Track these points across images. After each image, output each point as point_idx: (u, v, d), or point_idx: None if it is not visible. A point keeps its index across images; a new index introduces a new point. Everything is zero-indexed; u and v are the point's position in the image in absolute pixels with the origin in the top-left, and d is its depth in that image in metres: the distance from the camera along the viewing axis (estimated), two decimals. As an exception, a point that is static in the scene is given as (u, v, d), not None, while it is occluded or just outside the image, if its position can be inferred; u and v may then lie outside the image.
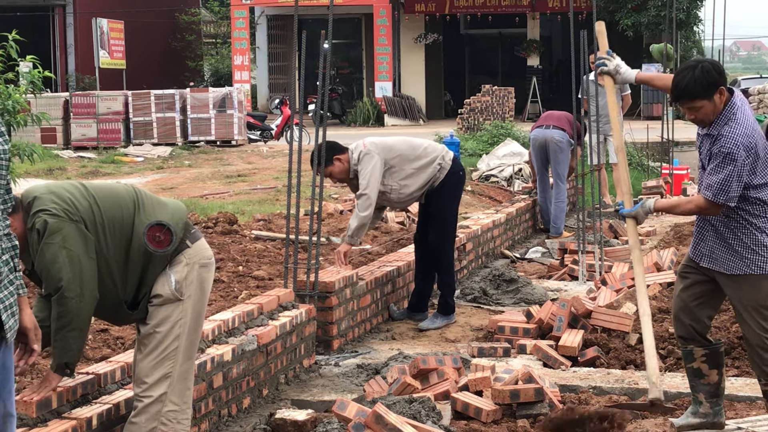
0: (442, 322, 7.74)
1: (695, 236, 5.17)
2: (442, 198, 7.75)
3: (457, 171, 7.81)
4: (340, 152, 7.56)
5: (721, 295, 5.15)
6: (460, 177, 7.84)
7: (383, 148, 7.62)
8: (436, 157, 7.71)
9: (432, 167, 7.68)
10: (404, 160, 7.65)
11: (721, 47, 23.17)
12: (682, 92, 4.94)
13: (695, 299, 5.12)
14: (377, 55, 31.09)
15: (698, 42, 32.87)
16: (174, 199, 4.89)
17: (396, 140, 7.83)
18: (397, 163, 7.64)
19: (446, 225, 7.83)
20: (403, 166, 7.65)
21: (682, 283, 5.20)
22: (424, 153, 7.71)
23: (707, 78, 4.88)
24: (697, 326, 5.13)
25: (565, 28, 10.52)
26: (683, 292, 5.16)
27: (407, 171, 7.66)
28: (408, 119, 30.09)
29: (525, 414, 5.47)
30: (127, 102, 23.46)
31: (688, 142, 20.24)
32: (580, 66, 9.66)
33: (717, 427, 5.20)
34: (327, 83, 7.16)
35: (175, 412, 4.56)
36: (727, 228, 5.01)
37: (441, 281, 7.89)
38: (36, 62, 9.35)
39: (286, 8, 30.80)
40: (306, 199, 7.79)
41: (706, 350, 5.14)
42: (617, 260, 9.38)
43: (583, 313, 6.95)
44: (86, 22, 30.37)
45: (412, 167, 7.66)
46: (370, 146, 7.59)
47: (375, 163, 7.52)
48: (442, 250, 7.83)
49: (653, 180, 14.16)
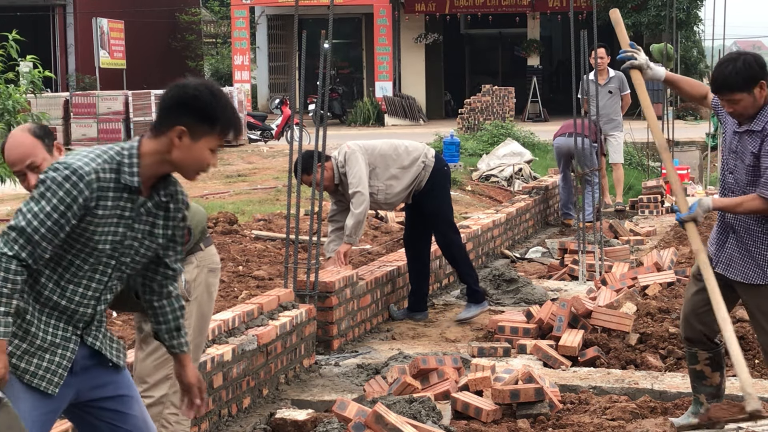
0: (476, 310, 7.83)
1: (715, 241, 5.04)
2: (433, 197, 7.81)
3: (441, 168, 7.90)
4: (323, 160, 7.44)
5: (735, 300, 5.06)
6: (445, 173, 7.95)
7: (365, 149, 7.72)
8: (419, 156, 7.79)
9: (416, 166, 7.76)
10: (387, 159, 7.74)
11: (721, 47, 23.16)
12: (722, 84, 4.80)
13: (708, 304, 4.98)
14: (377, 55, 31.08)
15: (698, 42, 32.82)
16: (197, 203, 4.92)
17: (377, 142, 7.96)
18: (380, 163, 7.71)
19: (446, 220, 7.92)
20: (387, 165, 7.73)
21: (696, 285, 5.07)
22: (406, 152, 7.79)
23: (748, 71, 4.75)
24: (707, 330, 5.06)
25: (565, 28, 10.53)
26: (696, 296, 5.05)
27: (391, 171, 7.74)
28: (408, 119, 30.08)
29: (525, 414, 5.47)
30: (127, 102, 23.47)
31: (688, 142, 20.25)
32: (580, 66, 9.66)
33: (717, 427, 5.20)
34: (327, 83, 7.17)
35: (176, 415, 4.55)
36: (750, 235, 4.89)
37: (461, 273, 7.99)
38: (36, 62, 9.35)
39: (286, 8, 30.77)
40: (306, 199, 7.79)
41: (710, 354, 5.11)
42: (617, 260, 9.38)
43: (583, 313, 6.95)
44: (86, 22, 30.36)
45: (396, 166, 7.74)
46: (353, 146, 7.70)
47: (361, 161, 7.59)
48: (453, 244, 7.93)
49: (653, 180, 14.15)
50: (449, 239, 7.92)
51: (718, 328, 5.05)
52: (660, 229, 11.84)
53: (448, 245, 7.92)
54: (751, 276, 4.90)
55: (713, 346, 5.11)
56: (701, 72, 32.58)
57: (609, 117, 12.85)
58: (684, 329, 5.17)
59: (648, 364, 6.41)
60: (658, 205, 13.22)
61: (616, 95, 12.98)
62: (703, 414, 5.14)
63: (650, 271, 8.05)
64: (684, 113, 26.29)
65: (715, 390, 5.16)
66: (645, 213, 13.16)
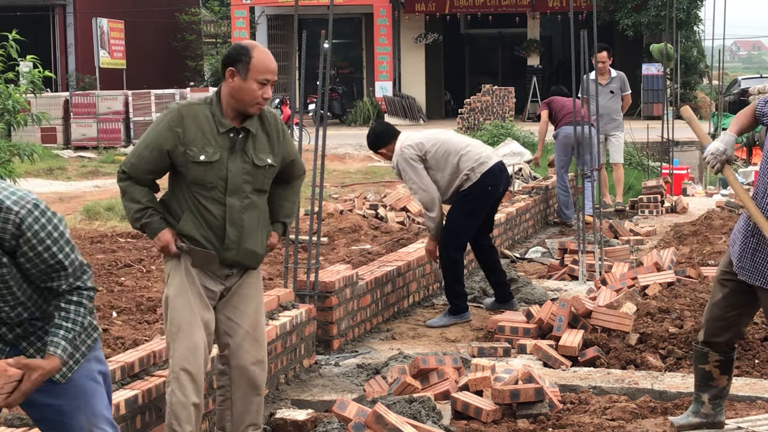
0: (448, 320, 7.81)
1: (739, 248, 4.90)
2: (459, 203, 7.80)
3: (485, 184, 7.76)
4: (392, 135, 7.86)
5: (757, 305, 5.00)
6: (486, 191, 7.79)
7: (420, 146, 7.74)
8: (468, 165, 7.74)
9: (462, 173, 7.76)
10: (447, 157, 7.75)
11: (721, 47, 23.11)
12: None
13: (734, 309, 4.96)
14: (377, 54, 31.09)
15: (698, 42, 32.82)
16: None
17: (444, 136, 7.98)
18: (440, 159, 7.75)
19: (454, 232, 7.84)
20: (443, 165, 7.76)
21: (721, 291, 5.00)
22: (462, 158, 7.74)
23: None
24: (734, 336, 5.05)
25: (565, 28, 10.53)
26: (724, 301, 4.98)
27: (441, 170, 7.77)
28: (408, 119, 30.09)
29: (525, 414, 5.47)
30: (127, 102, 23.48)
31: (688, 141, 20.24)
32: (580, 66, 9.65)
33: (717, 426, 5.19)
34: (327, 83, 7.17)
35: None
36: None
37: (445, 285, 7.98)
38: (36, 62, 9.36)
39: (286, 8, 30.78)
40: (306, 199, 7.79)
41: (722, 357, 5.08)
42: (617, 260, 9.38)
43: (583, 313, 6.95)
44: (86, 22, 30.37)
45: (449, 171, 7.76)
46: (406, 152, 7.72)
47: (407, 167, 7.70)
48: (444, 255, 7.88)
49: (653, 180, 14.15)
50: (443, 249, 7.88)
51: (743, 332, 5.01)
52: (660, 229, 11.84)
53: (443, 255, 7.91)
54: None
55: (728, 350, 5.10)
56: (701, 72, 32.57)
57: (610, 117, 12.86)
58: (708, 334, 5.09)
59: (648, 364, 6.41)
60: (658, 205, 13.22)
61: (617, 95, 12.98)
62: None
63: (650, 271, 8.04)
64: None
65: (720, 391, 5.15)
66: (645, 213, 13.17)
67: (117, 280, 8.17)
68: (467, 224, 7.87)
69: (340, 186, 15.85)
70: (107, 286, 7.94)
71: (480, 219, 7.94)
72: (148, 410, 4.85)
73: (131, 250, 9.65)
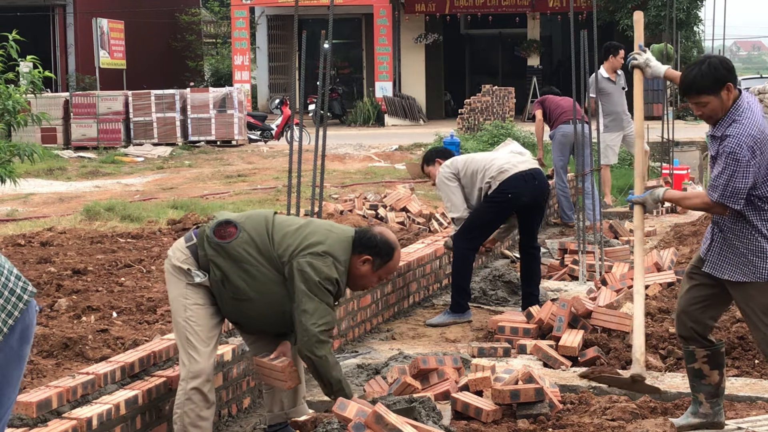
0: (447, 318, 7.84)
1: (705, 241, 5.09)
2: (481, 206, 7.91)
3: (506, 190, 7.82)
4: (442, 156, 8.23)
5: (728, 299, 5.08)
6: (505, 197, 7.82)
7: (455, 171, 7.98)
8: (490, 174, 7.87)
9: (484, 183, 7.91)
10: (468, 179, 7.97)
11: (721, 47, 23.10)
12: (689, 87, 4.89)
13: (700, 302, 5.06)
14: (377, 55, 31.08)
15: (698, 42, 32.82)
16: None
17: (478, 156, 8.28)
18: (468, 180, 7.97)
19: (467, 229, 7.93)
20: (468, 182, 7.98)
21: (688, 283, 5.13)
22: (487, 170, 7.90)
23: (714, 73, 4.81)
24: (698, 328, 5.09)
25: (565, 28, 10.53)
26: (688, 293, 5.11)
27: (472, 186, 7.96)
28: (408, 119, 30.09)
29: (525, 414, 5.47)
30: (127, 102, 23.47)
31: (688, 142, 20.24)
32: (580, 66, 9.65)
33: (717, 426, 5.19)
34: (327, 83, 7.18)
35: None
36: (734, 234, 4.92)
37: (452, 281, 8.08)
38: (36, 62, 9.35)
39: (286, 8, 30.78)
40: (306, 199, 7.79)
41: (707, 351, 5.11)
42: (617, 260, 9.37)
43: (583, 313, 6.95)
44: (86, 22, 30.36)
45: (474, 184, 7.95)
46: (443, 171, 8.00)
47: (445, 187, 7.97)
48: (456, 249, 8.01)
49: (653, 180, 14.14)
50: (455, 243, 8.03)
51: (710, 325, 5.13)
52: (660, 229, 11.84)
53: (456, 248, 8.03)
54: (737, 274, 4.92)
55: (708, 343, 5.12)
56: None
57: (628, 115, 12.77)
58: (678, 327, 5.21)
59: (648, 364, 6.40)
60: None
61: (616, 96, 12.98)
62: (589, 371, 5.43)
63: (650, 271, 8.05)
64: (684, 113, 26.27)
65: (714, 389, 5.16)
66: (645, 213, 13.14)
67: (117, 281, 8.16)
68: (483, 226, 7.99)
69: (340, 186, 15.84)
70: (107, 287, 7.93)
71: (498, 224, 8.11)
72: (148, 410, 4.85)
73: (131, 250, 9.65)
